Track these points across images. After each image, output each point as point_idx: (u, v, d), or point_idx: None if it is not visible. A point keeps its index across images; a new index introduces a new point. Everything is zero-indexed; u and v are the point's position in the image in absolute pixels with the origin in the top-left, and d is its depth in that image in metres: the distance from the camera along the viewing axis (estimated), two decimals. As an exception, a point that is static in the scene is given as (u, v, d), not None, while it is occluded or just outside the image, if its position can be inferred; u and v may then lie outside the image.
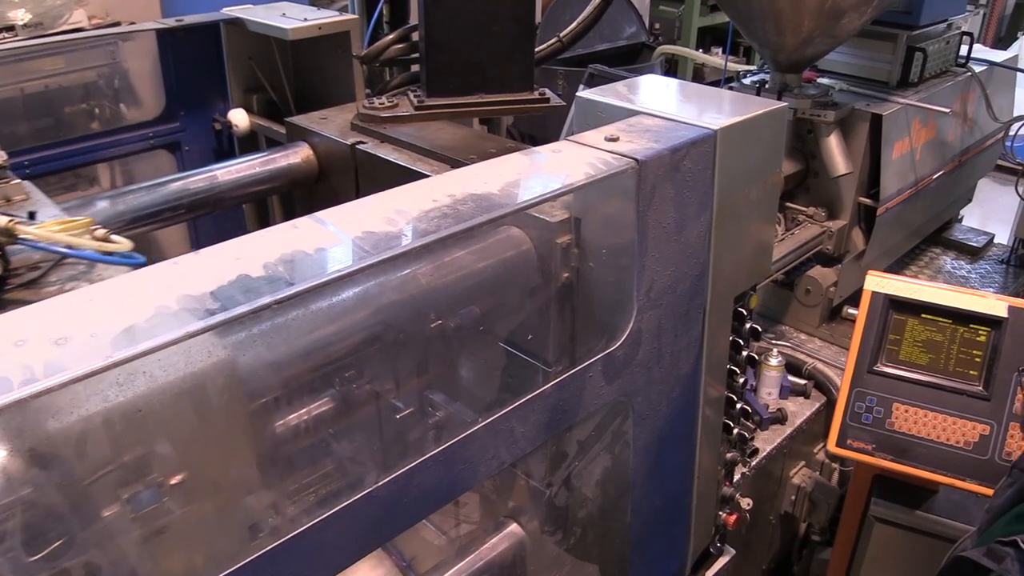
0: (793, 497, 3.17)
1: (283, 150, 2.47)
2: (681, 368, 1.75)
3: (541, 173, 1.50)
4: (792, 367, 3.22)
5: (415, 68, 2.66)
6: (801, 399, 3.16)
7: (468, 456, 1.35)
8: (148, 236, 2.94)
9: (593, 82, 4.47)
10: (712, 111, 1.70)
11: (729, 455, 2.09)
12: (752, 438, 2.10)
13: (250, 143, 2.92)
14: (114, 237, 1.60)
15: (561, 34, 2.61)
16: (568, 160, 1.53)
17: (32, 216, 1.76)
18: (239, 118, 2.82)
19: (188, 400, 1.05)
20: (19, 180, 1.96)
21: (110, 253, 1.59)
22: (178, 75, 2.75)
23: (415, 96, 2.47)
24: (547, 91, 2.53)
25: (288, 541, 1.12)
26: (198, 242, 2.98)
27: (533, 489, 2.31)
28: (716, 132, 1.60)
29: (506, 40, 2.42)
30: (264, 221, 2.99)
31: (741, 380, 1.98)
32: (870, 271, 2.54)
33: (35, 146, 2.55)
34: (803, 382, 3.18)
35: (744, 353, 1.95)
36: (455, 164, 2.19)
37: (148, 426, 1.03)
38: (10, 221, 1.47)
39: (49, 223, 1.61)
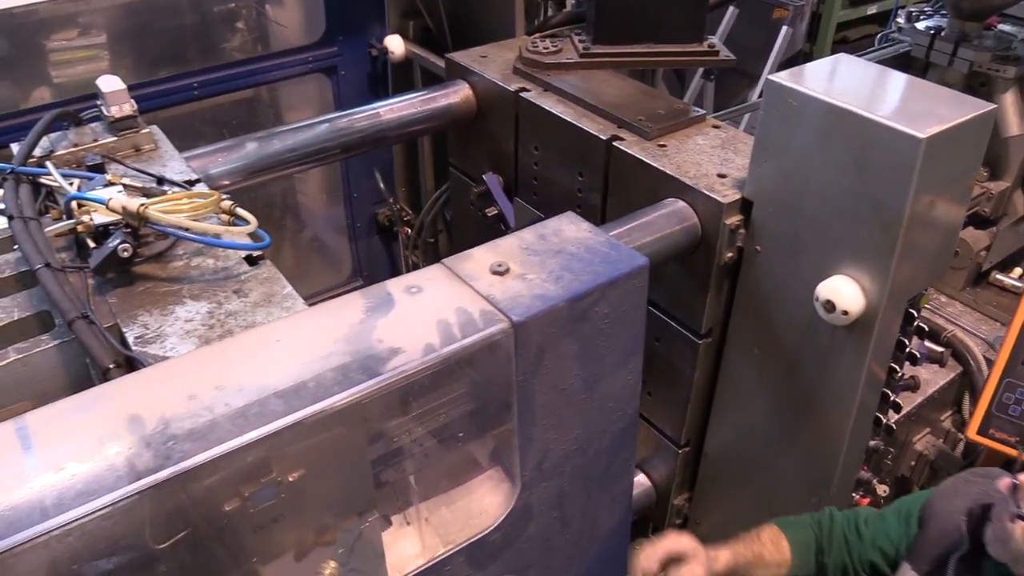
0: (913, 462, 3.14)
1: (442, 89, 2.46)
2: (601, 526, 1.46)
3: (367, 338, 1.10)
4: (930, 332, 3.13)
5: (570, 3, 2.59)
6: (936, 367, 3.08)
7: None
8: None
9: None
10: (918, 112, 1.60)
11: (872, 443, 2.08)
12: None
13: (404, 71, 2.91)
14: (239, 211, 1.64)
15: (736, -20, 2.47)
16: (421, 310, 1.16)
17: (160, 182, 1.81)
18: (395, 45, 2.80)
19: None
20: (148, 129, 1.98)
21: (234, 225, 1.63)
22: (339, 1, 2.73)
23: (580, 41, 2.40)
24: (716, 42, 2.43)
25: None
26: (349, 182, 3.01)
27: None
28: (923, 140, 1.52)
29: (679, -13, 2.31)
30: (413, 162, 3.01)
31: (899, 375, 1.95)
32: (1041, 259, 2.41)
33: (203, 67, 2.60)
34: (940, 350, 3.08)
35: (907, 350, 1.92)
36: (621, 124, 2.15)
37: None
38: (142, 207, 1.52)
39: (179, 197, 1.63)
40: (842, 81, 1.72)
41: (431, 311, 1.14)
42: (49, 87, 2.71)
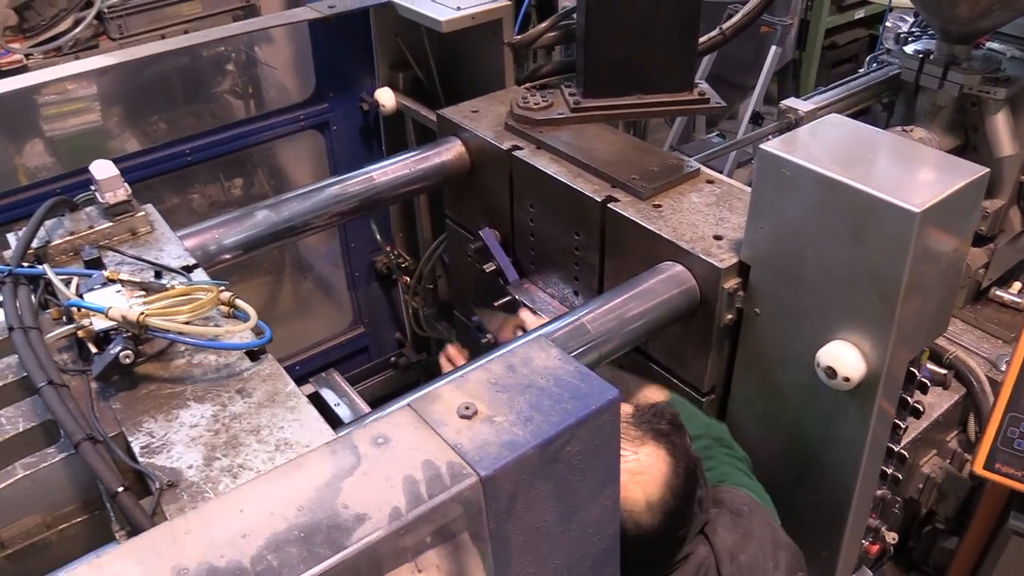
0: (921, 485, 3.14)
1: (435, 147, 2.46)
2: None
3: (332, 504, 1.06)
4: (932, 354, 3.12)
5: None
6: (940, 389, 3.08)
7: None
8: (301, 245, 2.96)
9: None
10: (912, 182, 1.60)
11: (880, 492, 2.08)
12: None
13: (396, 124, 2.91)
14: (239, 303, 1.62)
15: (724, 26, 2.47)
16: (388, 465, 1.11)
17: (159, 275, 1.79)
18: (386, 98, 2.80)
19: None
20: (143, 211, 1.96)
21: (234, 316, 1.64)
22: (329, 58, 2.72)
23: (570, 95, 2.40)
24: (706, 88, 2.42)
25: None
26: (346, 232, 3.01)
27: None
28: (918, 214, 1.52)
29: (668, 38, 2.31)
30: (409, 209, 3.00)
31: (903, 429, 1.96)
32: (1041, 292, 2.41)
33: (195, 134, 2.59)
34: (943, 372, 3.08)
35: (909, 405, 1.92)
36: (615, 183, 2.15)
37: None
38: (141, 315, 1.51)
39: (178, 293, 1.62)
40: (833, 148, 1.71)
41: (398, 466, 1.08)
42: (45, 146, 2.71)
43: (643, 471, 1.48)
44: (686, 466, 1.52)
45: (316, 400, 2.42)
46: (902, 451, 2.01)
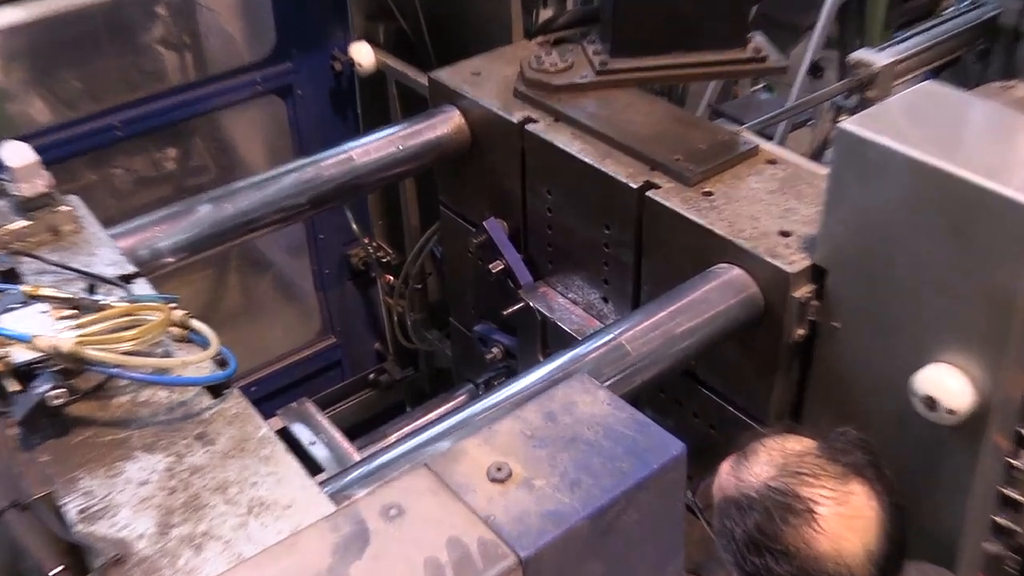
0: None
1: (428, 119, 2.44)
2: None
3: None
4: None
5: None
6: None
7: None
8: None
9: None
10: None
11: (992, 549, 2.09)
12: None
13: (375, 87, 2.88)
14: (195, 323, 1.61)
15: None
16: (404, 545, 1.09)
17: (91, 289, 1.75)
18: (363, 55, 2.78)
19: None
20: (68, 206, 1.94)
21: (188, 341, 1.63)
22: (292, 7, 2.69)
23: (594, 53, 2.39)
24: (762, 43, 2.41)
25: None
26: (313, 219, 2.98)
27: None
28: None
29: (716, -19, 2.30)
30: (394, 205, 2.97)
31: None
32: None
33: (126, 102, 2.56)
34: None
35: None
36: (655, 165, 2.13)
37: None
38: (77, 342, 1.49)
39: (118, 313, 1.59)
40: (930, 125, 1.70)
41: (416, 545, 1.08)
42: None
43: (857, 514, 1.50)
44: (895, 501, 1.55)
45: (285, 438, 2.41)
46: (1018, 497, 2.00)
